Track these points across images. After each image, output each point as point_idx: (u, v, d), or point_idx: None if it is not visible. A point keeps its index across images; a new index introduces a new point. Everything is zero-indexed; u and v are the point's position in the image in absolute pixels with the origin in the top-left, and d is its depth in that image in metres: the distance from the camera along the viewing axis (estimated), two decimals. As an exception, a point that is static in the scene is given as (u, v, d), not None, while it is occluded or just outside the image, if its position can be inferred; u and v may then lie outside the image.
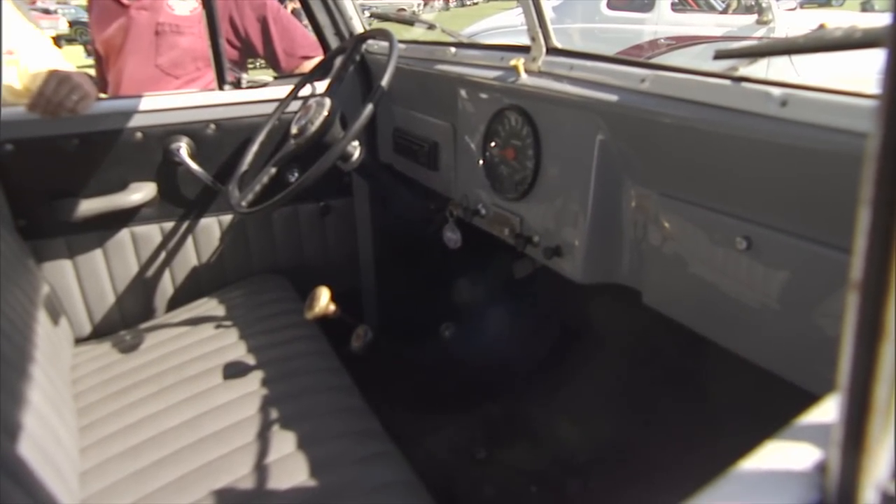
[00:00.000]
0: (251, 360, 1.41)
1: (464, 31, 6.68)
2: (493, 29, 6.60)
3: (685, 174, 0.94)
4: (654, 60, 5.88)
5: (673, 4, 6.21)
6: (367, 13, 1.91)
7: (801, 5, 6.68)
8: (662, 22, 6.01)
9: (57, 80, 1.48)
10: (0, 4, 1.55)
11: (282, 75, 1.94)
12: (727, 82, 0.84)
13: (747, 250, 0.83)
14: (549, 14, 1.24)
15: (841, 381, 0.29)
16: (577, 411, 1.49)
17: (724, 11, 6.62)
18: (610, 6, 6.13)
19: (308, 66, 1.94)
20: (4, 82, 1.66)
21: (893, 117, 0.25)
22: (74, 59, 2.12)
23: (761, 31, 5.81)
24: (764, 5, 5.87)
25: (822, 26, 0.67)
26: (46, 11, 15.88)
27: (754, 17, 5.95)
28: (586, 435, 1.50)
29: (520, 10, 1.24)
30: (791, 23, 5.85)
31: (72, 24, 16.07)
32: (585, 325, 1.39)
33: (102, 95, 1.62)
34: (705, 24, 6.09)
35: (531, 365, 1.56)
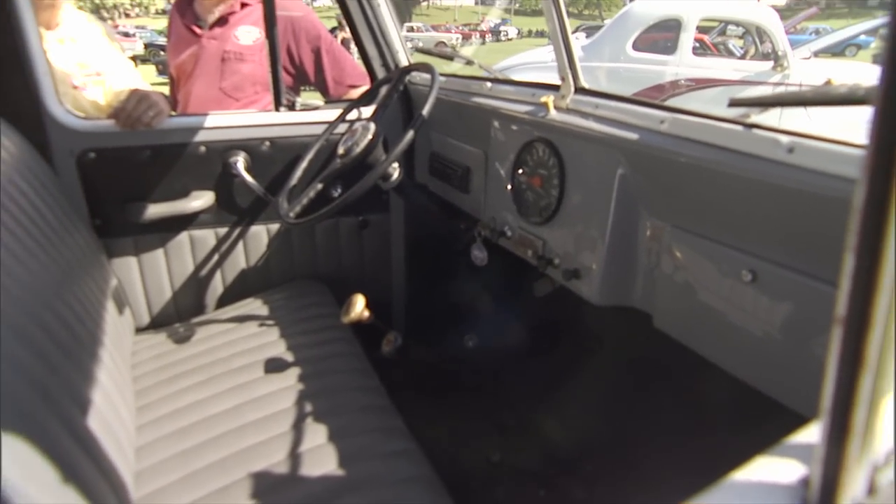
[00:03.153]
0: (290, 357, 1.43)
1: (499, 64, 6.71)
2: (525, 64, 6.62)
3: (697, 209, 0.95)
4: (674, 100, 5.88)
5: (694, 49, 6.18)
6: (409, 44, 1.95)
7: (815, 54, 6.58)
8: (684, 64, 5.98)
9: (137, 97, 1.55)
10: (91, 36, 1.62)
11: (330, 100, 1.98)
12: (739, 128, 0.85)
13: (752, 282, 0.84)
14: (578, 53, 1.26)
15: (824, 406, 0.30)
16: (587, 423, 1.49)
17: (742, 57, 6.59)
18: (635, 47, 6.11)
19: (354, 93, 1.97)
20: (91, 98, 1.74)
21: (877, 174, 0.27)
22: (147, 77, 2.18)
23: (777, 77, 5.76)
24: (780, 53, 5.82)
25: (828, 82, 0.68)
26: (126, 35, 16.71)
27: (770, 63, 5.90)
28: (593, 445, 1.50)
29: (550, 47, 1.26)
30: (805, 71, 5.78)
31: (147, 46, 16.79)
32: (599, 344, 1.40)
33: (173, 113, 1.68)
34: (724, 68, 6.06)
35: (546, 377, 1.56)
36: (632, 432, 1.34)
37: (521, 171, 1.34)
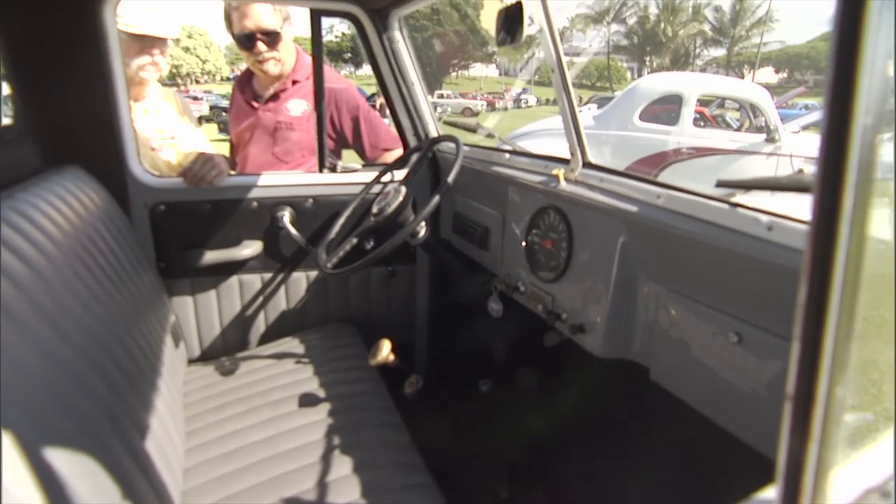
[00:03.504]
0: (321, 393, 1.45)
1: (518, 129, 6.83)
2: (542, 130, 6.75)
3: (690, 276, 0.97)
4: (677, 166, 5.89)
5: (695, 120, 6.27)
6: (439, 109, 2.01)
7: (804, 128, 6.63)
8: (685, 134, 6.06)
9: (203, 160, 1.64)
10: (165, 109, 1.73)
11: (368, 163, 2.05)
12: (725, 206, 0.88)
13: (739, 343, 0.85)
14: (589, 122, 1.30)
15: (778, 471, 0.32)
16: (588, 465, 1.46)
17: (738, 129, 6.65)
18: (642, 118, 6.22)
19: (388, 155, 2.03)
20: (165, 158, 1.85)
21: (815, 277, 0.30)
22: (209, 133, 2.28)
23: (769, 148, 5.80)
24: (772, 127, 5.88)
25: (801, 171, 0.72)
26: (195, 98, 17.76)
27: (763, 136, 5.95)
28: (594, 485, 1.47)
29: None
30: (794, 143, 5.82)
31: (211, 107, 17.71)
32: (602, 392, 1.39)
33: (232, 172, 1.76)
34: (721, 138, 6.12)
35: (553, 421, 1.54)
36: (629, 475, 1.32)
37: (534, 232, 1.37)
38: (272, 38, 1.87)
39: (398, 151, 2.00)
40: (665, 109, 6.30)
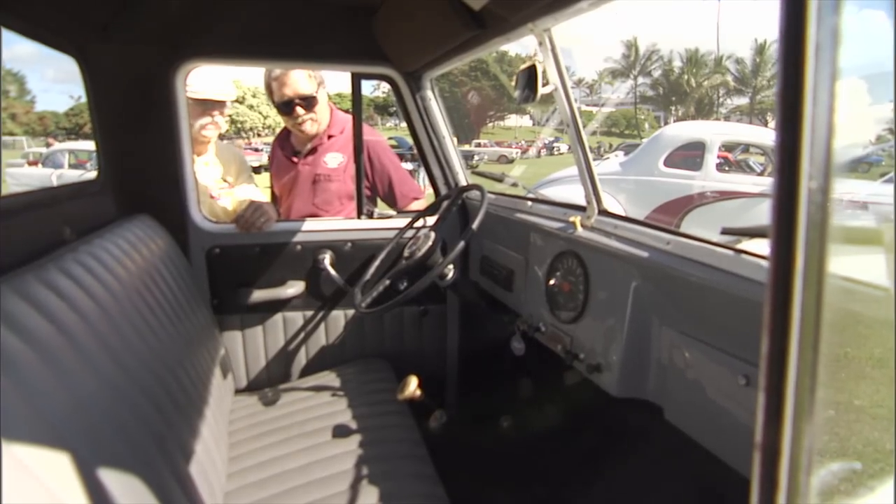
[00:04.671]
0: (353, 425, 1.45)
1: (551, 174, 6.82)
2: (572, 176, 6.74)
3: (699, 319, 0.94)
4: (701, 209, 5.74)
5: (719, 165, 6.15)
6: (475, 157, 2.03)
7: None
8: (709, 179, 5.94)
9: (254, 207, 1.72)
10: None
11: (400, 211, 2.07)
12: (730, 252, 0.86)
13: (747, 386, 0.82)
14: (616, 168, 1.30)
15: None
16: (607, 500, 1.40)
17: (761, 174, 6.48)
18: (667, 163, 6.15)
19: (416, 204, 2.06)
20: (222, 206, 1.95)
21: (776, 325, 0.30)
22: (266, 181, 2.39)
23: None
24: (795, 172, 5.70)
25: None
26: (256, 150, 18.76)
27: (787, 179, 5.76)
28: None
29: (597, 161, 1.30)
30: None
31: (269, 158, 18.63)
32: (620, 428, 1.34)
33: (279, 219, 1.83)
34: (745, 182, 5.96)
35: (573, 457, 1.49)
36: None
37: (554, 276, 1.36)
38: (309, 102, 1.94)
39: (423, 202, 2.03)
40: (689, 155, 6.21)
